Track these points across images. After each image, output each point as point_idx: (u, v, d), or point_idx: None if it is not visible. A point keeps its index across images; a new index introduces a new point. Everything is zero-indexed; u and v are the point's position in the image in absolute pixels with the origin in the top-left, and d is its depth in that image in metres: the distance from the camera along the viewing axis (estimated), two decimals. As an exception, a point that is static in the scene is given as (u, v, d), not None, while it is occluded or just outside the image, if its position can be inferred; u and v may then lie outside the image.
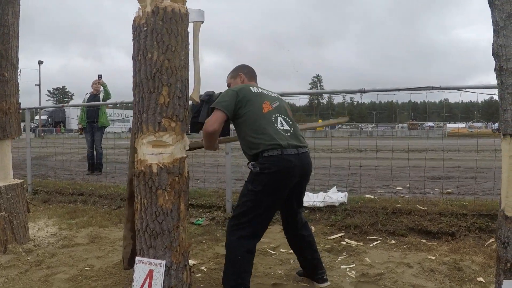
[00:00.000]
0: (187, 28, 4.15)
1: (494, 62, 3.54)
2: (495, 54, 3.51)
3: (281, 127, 4.23)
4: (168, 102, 3.96)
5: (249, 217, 4.10)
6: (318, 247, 4.85)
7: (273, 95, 4.55)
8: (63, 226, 7.31)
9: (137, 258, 4.03)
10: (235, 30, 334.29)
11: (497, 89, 3.54)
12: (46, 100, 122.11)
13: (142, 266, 3.97)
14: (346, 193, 7.32)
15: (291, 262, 5.25)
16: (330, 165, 8.91)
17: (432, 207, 6.57)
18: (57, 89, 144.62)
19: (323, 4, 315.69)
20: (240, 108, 4.25)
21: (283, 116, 4.34)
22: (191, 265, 5.02)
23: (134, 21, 4.06)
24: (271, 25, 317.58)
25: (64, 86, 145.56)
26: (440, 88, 6.33)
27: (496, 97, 3.68)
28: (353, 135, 44.70)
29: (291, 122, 4.37)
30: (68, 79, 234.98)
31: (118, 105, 10.14)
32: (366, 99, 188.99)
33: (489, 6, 3.56)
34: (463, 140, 26.73)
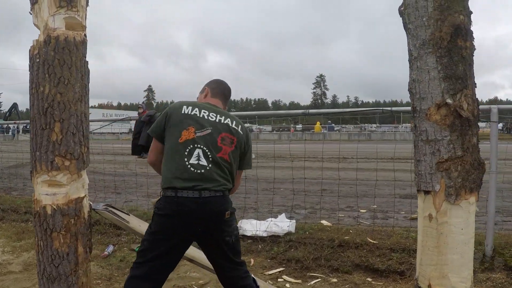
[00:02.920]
0: (84, 57, 3.80)
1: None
2: (410, 90, 3.06)
3: (195, 162, 3.66)
4: (60, 139, 3.68)
5: (145, 258, 3.69)
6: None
7: (213, 119, 3.86)
8: (7, 249, 7.09)
9: (38, 301, 3.81)
10: (236, 29, 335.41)
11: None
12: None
13: (42, 310, 3.75)
14: (294, 221, 6.91)
15: (217, 304, 4.89)
16: (304, 178, 8.51)
17: (385, 239, 6.14)
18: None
19: (323, 3, 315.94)
20: (165, 130, 3.83)
21: (204, 149, 3.70)
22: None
23: (29, 51, 3.77)
24: (272, 24, 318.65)
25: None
26: (391, 111, 6.01)
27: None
28: (351, 138, 44.61)
29: (211, 158, 3.70)
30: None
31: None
32: (370, 98, 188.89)
33: (404, 30, 3.13)
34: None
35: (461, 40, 2.86)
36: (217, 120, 3.86)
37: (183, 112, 3.83)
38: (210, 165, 3.69)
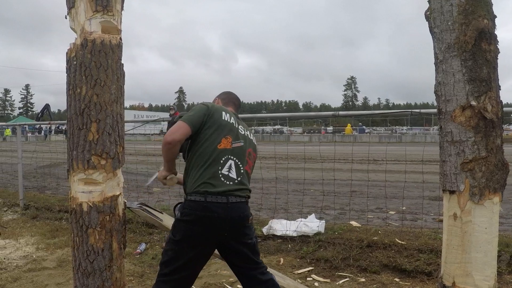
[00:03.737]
0: (119, 59, 3.92)
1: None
2: (435, 93, 3.12)
3: (226, 172, 3.69)
4: (97, 139, 3.79)
5: (170, 269, 3.67)
6: (281, 284, 4.52)
7: (243, 132, 3.94)
8: (41, 246, 7.29)
9: (72, 296, 3.95)
10: (265, 31, 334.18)
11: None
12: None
13: (76, 304, 3.89)
14: (323, 221, 6.96)
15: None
16: (334, 179, 8.53)
17: (413, 240, 6.16)
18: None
19: (352, 4, 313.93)
20: (203, 126, 3.74)
21: (236, 161, 3.77)
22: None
23: (66, 54, 3.89)
24: (302, 26, 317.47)
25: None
26: (420, 113, 6.03)
27: None
28: (382, 140, 44.26)
29: (242, 170, 3.79)
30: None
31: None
32: (401, 100, 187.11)
33: (430, 33, 3.19)
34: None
35: (485, 43, 2.90)
36: (245, 134, 3.97)
37: (223, 118, 3.84)
38: (239, 178, 3.75)
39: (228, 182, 3.68)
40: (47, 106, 78.31)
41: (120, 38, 3.95)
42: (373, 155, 15.92)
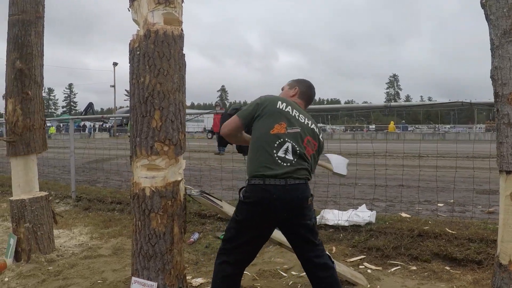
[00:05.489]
0: (181, 50, 4.08)
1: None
2: (492, 77, 3.21)
3: (282, 155, 3.81)
4: (160, 126, 3.95)
5: (233, 245, 3.91)
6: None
7: (302, 121, 4.05)
8: (95, 235, 7.52)
9: (133, 278, 4.12)
10: (306, 29, 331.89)
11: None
12: (125, 100, 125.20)
13: (137, 286, 4.06)
14: (374, 211, 7.01)
15: (299, 287, 5.07)
16: (386, 169, 8.57)
17: (463, 230, 6.14)
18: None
19: (393, 1, 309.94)
20: (256, 119, 3.99)
21: (293, 144, 3.86)
22: (198, 284, 4.98)
23: (129, 44, 4.06)
24: (343, 24, 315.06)
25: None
26: (470, 103, 6.02)
27: None
28: (425, 138, 43.72)
29: (299, 152, 3.86)
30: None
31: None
32: (443, 98, 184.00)
33: (486, 21, 3.27)
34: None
35: (540, 29, 2.99)
36: (305, 123, 4.07)
37: (277, 106, 4.01)
38: (295, 159, 3.86)
39: (285, 164, 3.79)
40: (90, 105, 79.67)
41: (182, 29, 4.10)
42: (418, 151, 15.92)
